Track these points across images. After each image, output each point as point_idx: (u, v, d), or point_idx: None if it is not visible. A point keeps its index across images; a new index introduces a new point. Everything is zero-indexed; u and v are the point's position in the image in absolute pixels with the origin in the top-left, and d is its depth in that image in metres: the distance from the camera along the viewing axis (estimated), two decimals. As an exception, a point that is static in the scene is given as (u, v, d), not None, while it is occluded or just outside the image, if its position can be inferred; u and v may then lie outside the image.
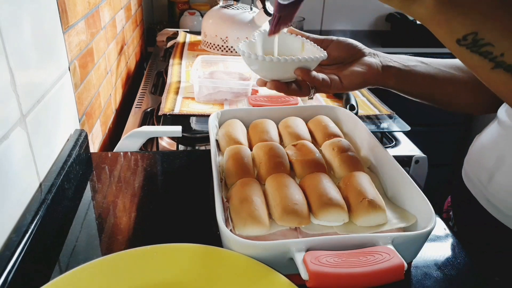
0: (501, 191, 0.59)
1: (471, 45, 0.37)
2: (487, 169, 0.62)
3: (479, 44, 0.36)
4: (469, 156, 0.69)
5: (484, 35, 0.36)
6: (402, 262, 0.43)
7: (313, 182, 0.55)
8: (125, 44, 1.33)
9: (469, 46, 0.37)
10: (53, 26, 0.65)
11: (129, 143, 0.79)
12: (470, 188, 0.66)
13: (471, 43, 0.37)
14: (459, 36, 0.37)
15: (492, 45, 0.36)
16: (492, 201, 0.61)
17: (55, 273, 0.49)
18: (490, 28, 0.36)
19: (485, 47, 0.36)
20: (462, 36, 0.37)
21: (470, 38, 0.37)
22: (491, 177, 0.61)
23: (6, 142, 0.47)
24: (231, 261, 0.46)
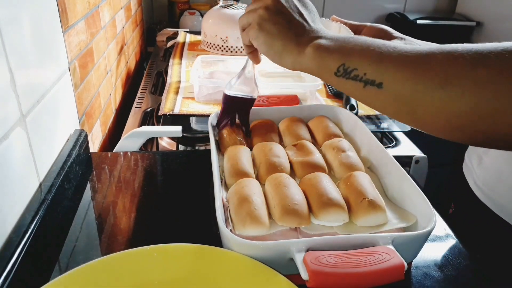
0: (486, 173, 0.67)
1: (344, 73, 0.48)
2: (477, 154, 0.71)
3: (348, 71, 0.47)
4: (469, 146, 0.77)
5: (349, 64, 0.47)
6: (402, 262, 0.43)
7: (313, 182, 0.55)
8: (125, 44, 1.33)
9: (343, 75, 0.48)
10: (53, 26, 0.65)
11: (129, 143, 0.79)
12: (465, 173, 0.73)
13: (343, 72, 0.48)
14: (334, 69, 0.48)
15: (356, 69, 0.47)
16: (478, 183, 0.69)
17: (55, 273, 0.49)
18: (351, 57, 0.47)
19: (353, 72, 0.47)
20: (336, 69, 0.48)
21: (341, 69, 0.48)
22: (480, 160, 0.69)
23: (6, 142, 0.47)
24: (231, 261, 0.46)
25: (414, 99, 0.43)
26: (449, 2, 2.20)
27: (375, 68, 0.45)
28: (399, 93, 0.44)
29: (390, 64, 0.45)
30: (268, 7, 0.54)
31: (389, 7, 2.16)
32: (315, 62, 0.50)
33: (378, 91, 0.45)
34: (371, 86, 0.46)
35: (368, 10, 2.17)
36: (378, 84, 0.45)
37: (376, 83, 0.45)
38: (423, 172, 0.92)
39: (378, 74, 0.45)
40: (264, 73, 1.13)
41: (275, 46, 0.53)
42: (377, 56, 0.46)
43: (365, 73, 0.46)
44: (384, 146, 0.64)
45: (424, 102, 0.42)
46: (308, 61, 0.51)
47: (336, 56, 0.48)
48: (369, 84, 0.46)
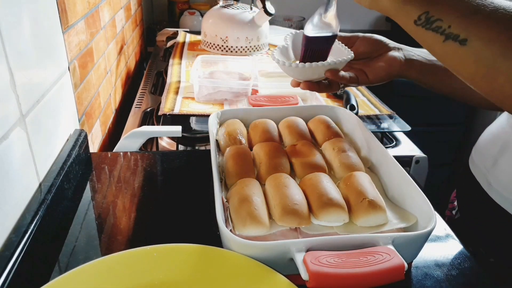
0: (503, 175, 0.64)
1: (425, 23, 0.45)
2: (492, 155, 0.67)
3: (431, 21, 0.44)
4: (478, 144, 0.74)
5: (433, 12, 0.44)
6: (402, 263, 0.43)
7: (313, 182, 0.55)
8: (125, 44, 1.33)
9: (424, 25, 0.45)
10: (52, 26, 0.65)
11: (129, 143, 0.79)
12: (475, 174, 0.70)
13: (424, 21, 0.45)
14: (415, 17, 0.45)
15: (441, 19, 0.43)
16: (494, 185, 0.65)
17: (54, 273, 0.49)
18: (438, 7, 0.44)
19: (435, 23, 0.44)
20: (417, 17, 0.45)
21: (423, 17, 0.45)
22: (495, 162, 0.66)
23: (6, 142, 0.47)
24: (231, 262, 0.46)
25: (499, 64, 0.40)
26: (449, 2, 2.20)
27: (462, 22, 0.42)
28: (483, 54, 0.41)
29: (481, 20, 0.41)
30: None
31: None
32: (395, 5, 0.47)
33: (459, 48, 0.42)
34: (453, 41, 0.42)
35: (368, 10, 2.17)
36: (462, 40, 0.42)
37: (459, 39, 0.42)
38: (423, 172, 0.92)
39: (465, 29, 0.42)
40: (264, 73, 1.13)
41: None
42: (468, 9, 0.42)
43: (449, 25, 0.43)
44: (384, 146, 0.64)
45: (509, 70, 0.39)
46: (387, 3, 0.47)
47: (420, 3, 0.45)
48: (451, 39, 0.43)
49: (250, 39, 1.34)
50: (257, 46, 1.36)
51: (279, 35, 1.55)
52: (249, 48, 1.35)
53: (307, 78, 0.66)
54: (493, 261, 0.66)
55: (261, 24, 1.34)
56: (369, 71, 0.68)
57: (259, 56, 1.35)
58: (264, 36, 1.37)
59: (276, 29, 1.66)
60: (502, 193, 0.65)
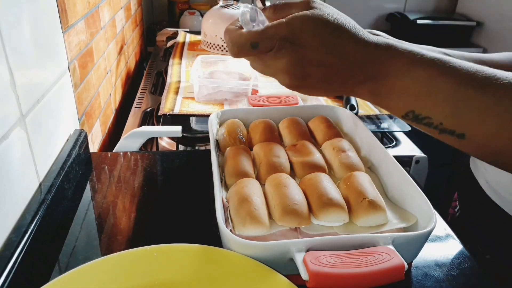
0: (500, 175, 0.64)
1: (413, 119, 0.42)
2: None
3: (419, 118, 0.41)
4: None
5: (420, 111, 0.41)
6: (402, 263, 0.43)
7: (313, 182, 0.55)
8: (125, 44, 1.33)
9: (413, 120, 0.42)
10: (52, 26, 0.65)
11: (129, 143, 0.79)
12: (475, 174, 0.71)
13: (412, 118, 0.42)
14: (402, 114, 0.42)
15: (430, 117, 0.40)
16: (492, 184, 0.66)
17: (54, 273, 0.49)
18: (423, 105, 0.41)
19: (425, 120, 0.41)
20: (404, 113, 0.42)
21: (410, 114, 0.42)
22: None
23: (6, 142, 0.47)
24: (231, 262, 0.46)
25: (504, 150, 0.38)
26: (449, 2, 2.20)
27: (453, 120, 0.39)
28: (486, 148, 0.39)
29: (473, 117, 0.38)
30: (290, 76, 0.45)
31: (389, 7, 2.16)
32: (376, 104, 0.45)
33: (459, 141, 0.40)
34: (450, 135, 0.40)
35: (368, 10, 2.17)
36: (459, 135, 0.39)
37: (456, 134, 0.40)
38: (423, 172, 0.92)
39: (459, 126, 0.39)
40: (264, 73, 1.13)
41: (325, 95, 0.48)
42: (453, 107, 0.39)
43: (441, 123, 0.40)
44: (384, 146, 0.64)
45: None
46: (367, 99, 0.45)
47: (400, 104, 0.42)
48: (446, 133, 0.40)
49: (250, 39, 1.34)
50: (257, 46, 1.36)
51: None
52: (249, 48, 1.35)
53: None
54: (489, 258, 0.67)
55: (261, 24, 1.33)
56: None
57: (259, 56, 1.35)
58: (264, 36, 1.37)
59: (276, 29, 1.66)
60: (500, 193, 0.65)
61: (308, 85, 0.45)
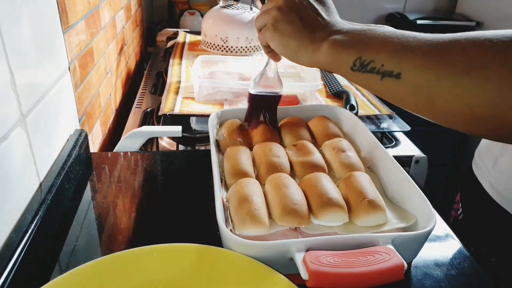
0: (503, 175, 0.65)
1: (360, 67, 0.47)
2: (493, 155, 0.68)
3: (364, 64, 0.46)
4: (480, 146, 0.75)
5: (365, 56, 0.46)
6: (402, 262, 0.43)
7: (313, 182, 0.55)
8: (125, 44, 1.33)
9: (359, 69, 0.47)
10: (53, 26, 0.65)
11: (129, 143, 0.79)
12: (477, 175, 0.71)
13: (359, 66, 0.47)
14: (351, 64, 0.48)
15: (374, 61, 0.46)
16: (495, 185, 0.66)
17: (55, 273, 0.49)
18: (368, 50, 0.47)
19: (369, 65, 0.46)
20: (352, 63, 0.47)
21: (357, 62, 0.47)
22: (496, 162, 0.67)
23: (6, 142, 0.47)
24: (231, 261, 0.46)
25: (434, 87, 0.42)
26: (449, 2, 2.20)
27: (393, 59, 0.44)
28: (418, 82, 0.43)
29: (410, 53, 0.44)
30: (280, 7, 0.53)
31: (389, 7, 2.16)
32: (331, 58, 0.49)
33: (396, 82, 0.44)
34: (389, 77, 0.45)
35: (368, 10, 2.17)
36: (396, 74, 0.44)
37: (394, 74, 0.44)
38: (423, 172, 0.92)
39: (396, 65, 0.44)
40: (264, 73, 1.13)
41: (291, 45, 0.52)
42: (395, 47, 0.45)
43: (382, 64, 0.45)
44: (384, 146, 0.64)
45: (445, 90, 0.41)
46: (324, 58, 0.50)
47: (352, 51, 0.48)
48: (386, 76, 0.45)
49: (250, 39, 1.34)
50: (257, 46, 1.36)
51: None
52: (249, 48, 1.36)
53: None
54: (494, 261, 0.67)
55: (261, 24, 1.34)
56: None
57: (259, 56, 1.36)
58: (264, 36, 1.37)
59: (276, 29, 1.66)
60: (503, 193, 0.65)
61: (288, 19, 0.52)
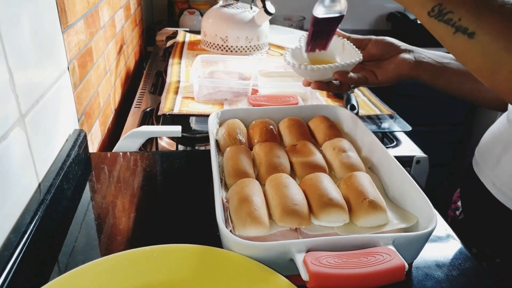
0: (506, 174, 0.65)
1: (437, 14, 0.47)
2: (494, 155, 0.68)
3: (443, 13, 0.47)
4: (480, 145, 0.75)
5: (446, 5, 0.46)
6: (403, 263, 0.43)
7: (313, 183, 0.55)
8: (125, 44, 1.32)
9: (436, 16, 0.47)
10: (52, 25, 0.65)
11: (129, 143, 0.79)
12: (479, 174, 0.71)
13: (437, 13, 0.47)
14: (429, 8, 0.48)
15: (452, 12, 0.46)
16: (498, 184, 0.66)
17: (54, 274, 0.49)
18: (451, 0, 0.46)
19: (447, 15, 0.46)
20: (431, 8, 0.47)
21: (436, 9, 0.47)
22: (498, 161, 0.67)
23: (5, 142, 0.47)
24: (231, 262, 0.45)
25: (504, 57, 0.42)
26: (449, 1, 2.20)
27: (472, 16, 0.44)
28: (489, 47, 0.43)
29: (489, 15, 0.44)
30: None
31: (389, 6, 2.16)
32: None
33: (468, 41, 0.45)
34: (462, 34, 0.45)
35: (368, 9, 2.17)
36: (470, 33, 0.44)
37: (468, 32, 0.45)
38: (424, 172, 0.92)
39: (473, 23, 0.44)
40: (264, 73, 1.13)
41: None
42: (476, 4, 0.45)
43: (460, 18, 0.45)
44: (384, 146, 0.64)
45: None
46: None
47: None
48: (460, 31, 0.45)
49: (250, 38, 1.34)
50: (257, 46, 1.36)
51: (279, 35, 1.55)
52: (249, 48, 1.35)
53: (318, 78, 0.69)
54: (499, 262, 0.66)
55: (261, 24, 1.33)
56: (379, 72, 0.70)
57: (259, 56, 1.35)
58: (264, 35, 1.37)
59: (276, 28, 1.66)
60: (506, 192, 0.65)
61: None
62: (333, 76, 0.67)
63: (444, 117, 1.97)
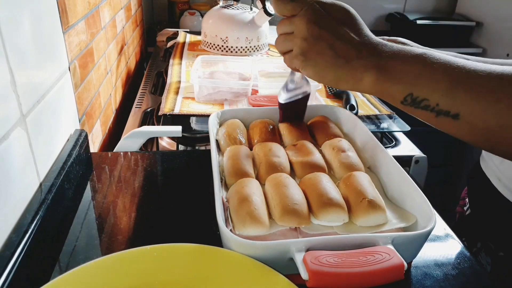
0: (511, 170, 0.64)
1: (412, 103, 0.44)
2: None
3: (417, 101, 0.44)
4: None
5: (417, 93, 0.43)
6: (402, 262, 0.43)
7: (313, 182, 0.55)
8: (125, 44, 1.33)
9: (411, 105, 0.44)
10: (53, 26, 0.65)
11: (129, 143, 0.79)
12: (485, 171, 0.71)
13: (411, 102, 0.44)
14: (401, 98, 0.45)
15: (427, 99, 0.43)
16: (503, 180, 0.66)
17: (55, 273, 0.49)
18: (419, 86, 0.43)
19: (423, 102, 0.43)
20: (403, 98, 0.45)
21: (408, 98, 0.44)
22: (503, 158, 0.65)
23: (6, 142, 0.47)
24: (231, 261, 0.46)
25: (498, 133, 0.40)
26: (449, 2, 2.20)
27: (449, 99, 0.42)
28: (479, 125, 0.41)
29: (466, 95, 0.41)
30: (304, 37, 0.48)
31: (389, 7, 2.16)
32: (378, 89, 0.46)
33: (453, 122, 0.42)
34: (446, 116, 0.42)
35: (368, 10, 2.17)
36: (454, 115, 0.42)
37: (451, 114, 0.42)
38: (423, 172, 0.92)
39: (453, 106, 0.42)
40: (264, 73, 1.13)
41: (328, 77, 0.48)
42: (448, 85, 0.42)
43: (437, 103, 0.42)
44: (384, 146, 0.64)
45: (508, 134, 0.39)
46: (369, 89, 0.47)
47: (400, 86, 0.44)
48: (442, 115, 0.43)
49: (250, 39, 1.34)
50: (257, 46, 1.36)
51: (279, 35, 1.55)
52: (249, 48, 1.36)
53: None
54: (503, 255, 0.67)
55: (261, 25, 1.34)
56: None
57: (259, 56, 1.36)
58: (264, 36, 1.37)
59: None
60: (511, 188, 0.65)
61: (317, 50, 0.47)
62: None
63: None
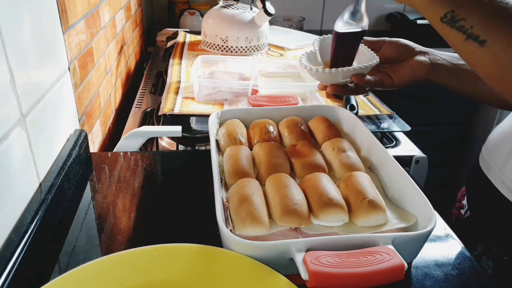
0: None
1: (450, 21, 0.48)
2: (504, 154, 0.68)
3: (455, 19, 0.48)
4: (488, 143, 0.74)
5: (458, 12, 0.47)
6: (402, 262, 0.43)
7: (313, 182, 0.55)
8: (125, 44, 1.33)
9: (449, 22, 0.48)
10: (53, 26, 0.65)
11: (129, 143, 0.79)
12: (487, 173, 0.71)
13: (450, 19, 0.48)
14: (442, 14, 0.49)
15: (465, 19, 0.47)
16: (507, 183, 0.66)
17: (54, 273, 0.49)
18: (463, 7, 0.47)
19: (459, 22, 0.47)
20: (444, 14, 0.49)
21: (449, 15, 0.48)
22: (507, 160, 0.66)
23: (6, 142, 0.47)
24: (231, 262, 0.46)
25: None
26: (449, 2, 2.20)
27: (484, 24, 0.45)
28: (499, 56, 0.44)
29: (501, 24, 0.44)
30: None
31: (389, 7, 2.16)
32: (424, 1, 0.50)
33: (478, 48, 0.46)
34: (474, 41, 0.46)
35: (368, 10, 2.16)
36: (481, 41, 0.45)
37: (479, 39, 0.45)
38: (423, 172, 0.92)
39: (485, 31, 0.45)
40: (264, 73, 1.13)
41: None
42: (489, 12, 0.45)
43: (472, 26, 0.46)
44: (384, 146, 0.64)
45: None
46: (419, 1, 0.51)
47: (446, 3, 0.49)
48: (471, 39, 0.46)
49: (250, 39, 1.34)
50: (257, 46, 1.36)
51: (279, 35, 1.55)
52: (249, 48, 1.36)
53: (334, 82, 0.70)
54: (507, 259, 0.66)
55: (261, 24, 1.34)
56: (395, 75, 0.70)
57: (259, 56, 1.36)
58: (264, 36, 1.37)
59: (276, 29, 1.66)
60: None
61: None
62: (350, 79, 0.67)
63: (444, 117, 1.97)
